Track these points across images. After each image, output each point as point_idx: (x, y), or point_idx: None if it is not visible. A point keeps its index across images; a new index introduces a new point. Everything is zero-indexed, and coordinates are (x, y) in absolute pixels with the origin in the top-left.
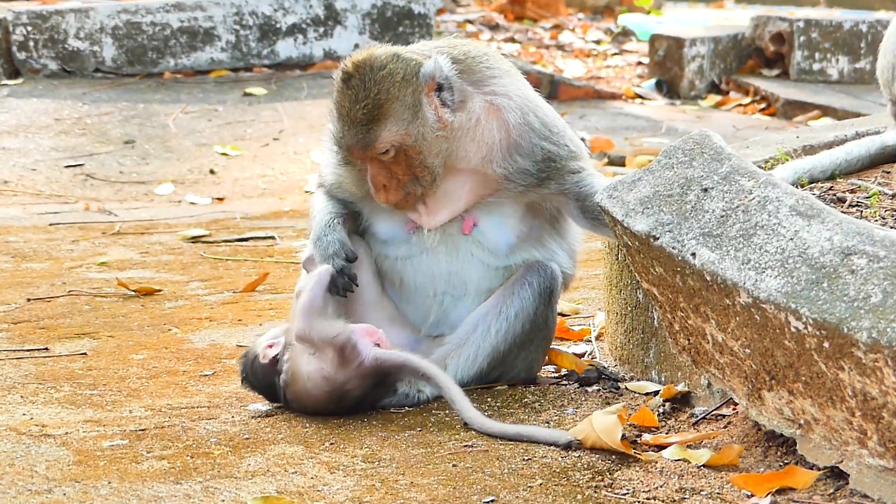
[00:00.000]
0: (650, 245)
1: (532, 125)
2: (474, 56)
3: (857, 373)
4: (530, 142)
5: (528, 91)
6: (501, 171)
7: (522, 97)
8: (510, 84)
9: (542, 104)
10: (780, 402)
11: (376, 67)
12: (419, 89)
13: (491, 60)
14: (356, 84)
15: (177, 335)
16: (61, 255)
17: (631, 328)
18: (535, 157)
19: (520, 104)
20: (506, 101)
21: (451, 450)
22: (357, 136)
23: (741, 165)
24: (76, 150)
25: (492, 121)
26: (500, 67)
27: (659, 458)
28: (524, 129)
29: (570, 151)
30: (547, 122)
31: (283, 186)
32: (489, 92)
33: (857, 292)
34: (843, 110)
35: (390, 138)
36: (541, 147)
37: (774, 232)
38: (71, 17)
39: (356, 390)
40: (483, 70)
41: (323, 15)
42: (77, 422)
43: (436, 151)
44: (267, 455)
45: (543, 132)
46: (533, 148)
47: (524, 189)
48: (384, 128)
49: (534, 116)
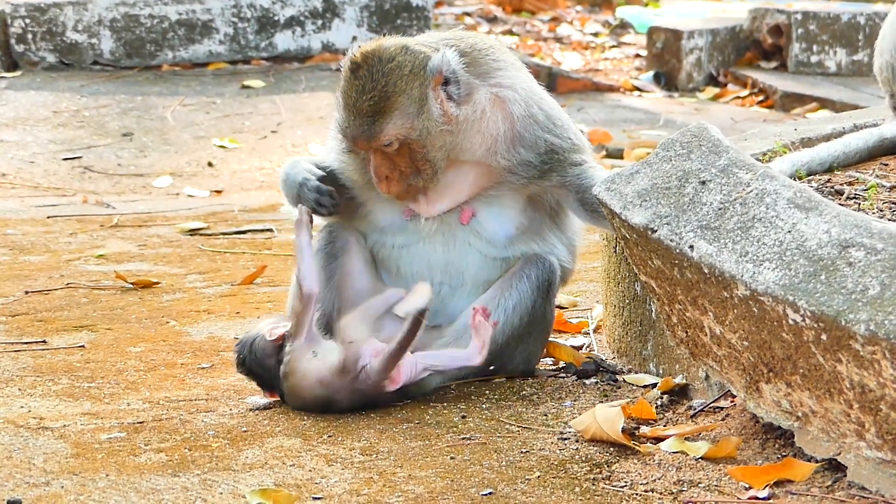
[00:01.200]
0: (648, 238)
1: (536, 117)
2: (481, 49)
3: (854, 365)
4: (534, 134)
5: (532, 84)
6: (505, 163)
7: (527, 89)
8: (515, 76)
9: (545, 97)
10: (778, 395)
11: (385, 59)
12: (426, 83)
13: (497, 53)
14: (364, 75)
15: (175, 328)
16: (59, 247)
17: (629, 321)
18: (539, 149)
19: (524, 96)
20: (511, 94)
21: (448, 442)
22: (362, 128)
23: (739, 158)
24: (74, 143)
25: (497, 113)
26: (506, 60)
27: (657, 450)
28: (528, 122)
29: (572, 144)
30: (551, 115)
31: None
32: (495, 84)
33: (854, 284)
34: (841, 102)
35: (395, 131)
36: (544, 139)
37: (772, 224)
38: (69, 10)
39: (344, 401)
40: (489, 62)
41: (321, 7)
42: (75, 414)
43: (439, 145)
44: (265, 448)
45: (547, 124)
46: (536, 140)
47: (526, 181)
48: (389, 121)
49: (538, 108)
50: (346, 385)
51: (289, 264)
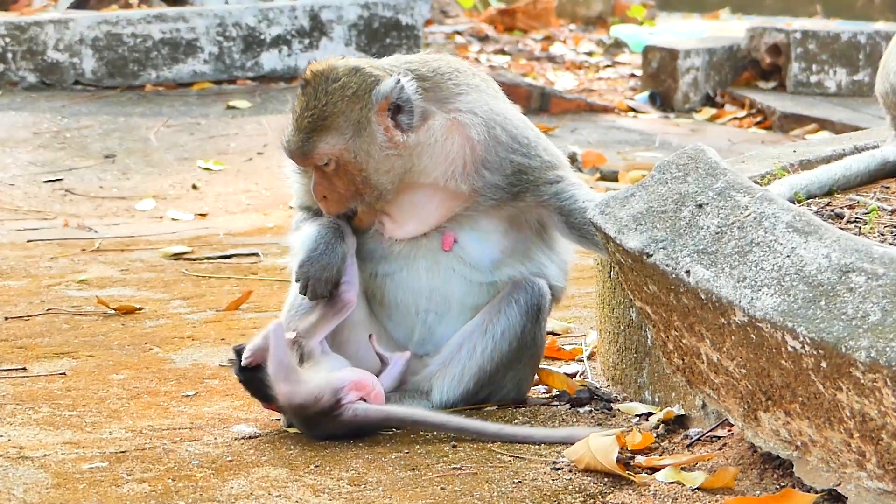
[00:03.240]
0: (643, 262)
1: (499, 139)
2: (444, 73)
3: (855, 393)
4: (497, 156)
5: (497, 104)
6: (467, 187)
7: (489, 111)
8: (477, 100)
9: (511, 116)
10: (777, 424)
11: (331, 79)
12: (368, 106)
13: (460, 77)
14: (310, 92)
15: (158, 355)
16: (39, 272)
17: (624, 347)
18: (505, 170)
19: (486, 119)
20: (469, 118)
21: (439, 472)
22: (298, 143)
23: (737, 181)
24: (55, 165)
25: (454, 138)
26: (469, 83)
27: (652, 480)
28: (490, 144)
29: (543, 162)
30: (516, 135)
31: (267, 202)
32: (453, 109)
33: (855, 311)
34: (841, 123)
35: (328, 150)
36: (510, 160)
37: (771, 249)
38: (50, 28)
39: (327, 428)
40: (450, 87)
41: (308, 26)
42: (56, 443)
43: (384, 169)
44: (251, 478)
45: (512, 145)
46: (501, 162)
47: (497, 202)
48: (323, 139)
49: (501, 130)
50: (327, 419)
51: (275, 289)
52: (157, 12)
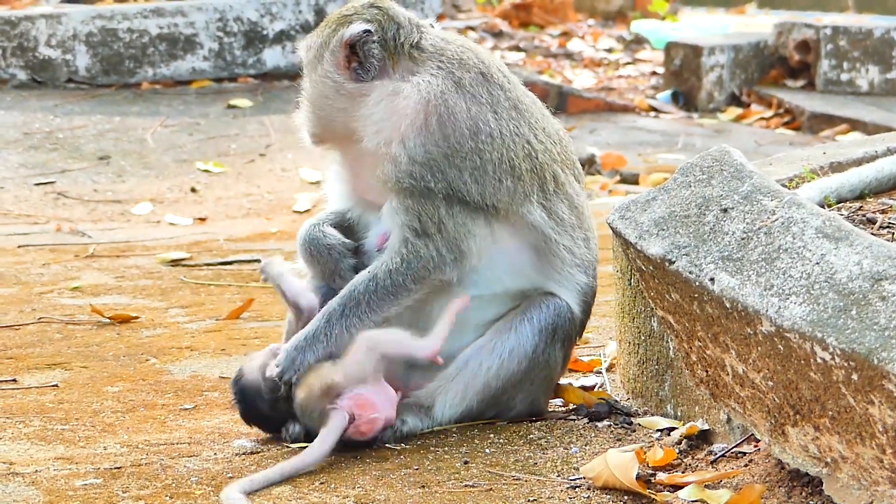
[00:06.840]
0: (665, 269)
1: (430, 127)
2: (430, 50)
3: (888, 407)
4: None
5: (457, 99)
6: (392, 166)
7: (440, 97)
8: (434, 83)
9: (460, 116)
10: (806, 439)
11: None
12: (335, 38)
13: (441, 58)
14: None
15: (155, 366)
16: (31, 279)
17: (644, 359)
18: (416, 159)
19: (428, 101)
20: (414, 92)
21: (449, 490)
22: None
23: (763, 184)
24: (47, 167)
25: (390, 104)
26: (447, 69)
27: (675, 498)
28: (419, 127)
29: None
30: (447, 134)
31: (269, 206)
32: (405, 81)
33: (888, 320)
34: (874, 124)
35: (301, 54)
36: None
37: (799, 255)
38: (42, 24)
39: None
40: (423, 62)
41: (313, 21)
42: (47, 459)
43: (323, 102)
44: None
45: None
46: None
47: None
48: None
49: (436, 120)
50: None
51: (278, 297)
52: (154, 6)
